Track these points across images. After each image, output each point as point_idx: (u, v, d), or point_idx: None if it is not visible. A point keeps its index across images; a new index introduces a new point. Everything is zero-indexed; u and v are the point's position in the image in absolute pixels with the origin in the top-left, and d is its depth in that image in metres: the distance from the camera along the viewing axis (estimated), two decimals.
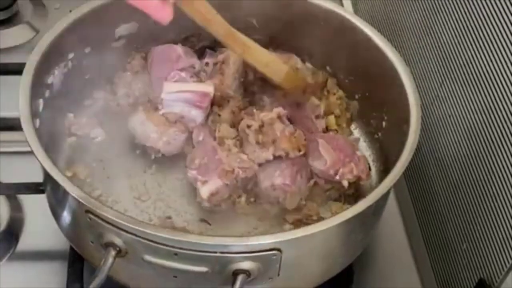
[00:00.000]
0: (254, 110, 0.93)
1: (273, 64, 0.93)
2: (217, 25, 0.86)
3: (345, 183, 0.89)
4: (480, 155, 0.85)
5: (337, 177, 0.89)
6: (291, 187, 0.88)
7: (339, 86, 1.01)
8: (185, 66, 0.97)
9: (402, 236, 1.00)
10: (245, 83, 0.99)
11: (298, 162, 0.90)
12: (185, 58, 0.97)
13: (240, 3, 1.00)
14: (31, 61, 0.85)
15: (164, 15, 0.76)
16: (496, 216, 0.82)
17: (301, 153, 0.90)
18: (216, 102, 0.96)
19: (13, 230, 0.94)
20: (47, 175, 0.80)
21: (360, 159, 0.91)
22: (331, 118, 0.99)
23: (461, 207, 0.90)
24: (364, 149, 0.98)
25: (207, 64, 0.99)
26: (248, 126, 0.90)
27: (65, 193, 0.76)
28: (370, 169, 0.94)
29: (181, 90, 0.93)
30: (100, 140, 0.95)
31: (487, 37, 0.83)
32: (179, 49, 0.98)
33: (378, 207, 0.83)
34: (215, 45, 1.04)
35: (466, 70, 0.88)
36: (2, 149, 1.00)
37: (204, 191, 0.87)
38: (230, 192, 0.88)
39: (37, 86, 0.85)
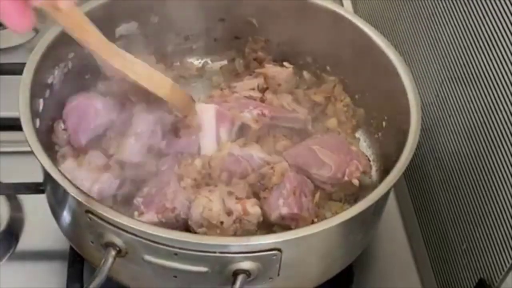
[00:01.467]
0: None
1: (157, 77, 0.87)
2: (93, 36, 0.79)
3: (356, 182, 0.89)
4: (480, 155, 0.85)
5: (346, 178, 0.89)
6: (299, 214, 0.84)
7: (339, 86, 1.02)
8: (103, 122, 0.92)
9: (402, 236, 1.00)
10: None
11: (296, 181, 0.86)
12: (104, 113, 0.92)
13: (240, 3, 1.00)
14: (31, 61, 0.85)
15: (22, 22, 0.60)
16: (496, 216, 0.82)
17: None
18: None
19: (13, 230, 0.94)
20: (47, 175, 0.80)
21: (358, 153, 0.91)
22: (333, 121, 0.99)
23: (461, 207, 0.90)
24: (364, 149, 0.98)
25: None
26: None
27: (65, 193, 0.76)
28: (369, 159, 0.94)
29: None
30: None
31: (487, 37, 0.83)
32: (98, 103, 0.92)
33: (378, 207, 0.83)
34: (215, 46, 1.05)
35: (466, 70, 0.88)
36: (2, 149, 1.00)
37: None
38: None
39: (37, 86, 0.85)
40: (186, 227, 0.84)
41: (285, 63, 1.01)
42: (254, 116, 0.93)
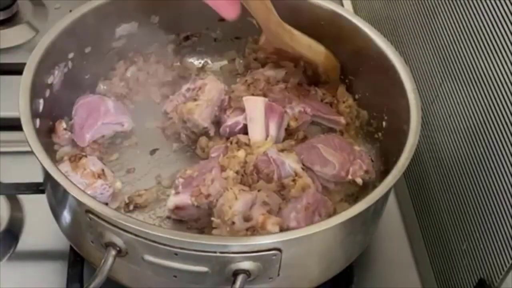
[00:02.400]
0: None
1: (314, 46, 0.97)
2: (272, 15, 0.91)
3: (359, 181, 0.89)
4: (480, 155, 0.85)
5: (349, 177, 0.89)
6: None
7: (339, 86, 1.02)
8: (111, 121, 0.94)
9: (402, 236, 0.99)
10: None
11: (314, 199, 0.84)
12: (114, 113, 0.94)
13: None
14: (31, 61, 0.85)
15: (231, 11, 0.82)
16: (496, 216, 0.82)
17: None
18: None
19: (13, 230, 0.94)
20: (47, 175, 0.80)
21: (361, 152, 0.91)
22: None
23: (461, 207, 0.90)
24: (364, 149, 0.98)
25: (188, 89, 0.97)
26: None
27: (65, 193, 0.76)
28: (372, 159, 0.94)
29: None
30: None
31: (487, 37, 0.83)
32: (109, 103, 0.95)
33: (378, 207, 0.83)
34: (215, 46, 1.05)
35: (466, 70, 0.88)
36: (2, 149, 1.00)
37: (171, 201, 0.86)
38: (200, 215, 0.86)
39: (37, 86, 0.85)
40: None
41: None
42: (295, 113, 0.94)
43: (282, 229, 0.81)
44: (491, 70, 0.82)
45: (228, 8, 0.81)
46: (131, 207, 0.90)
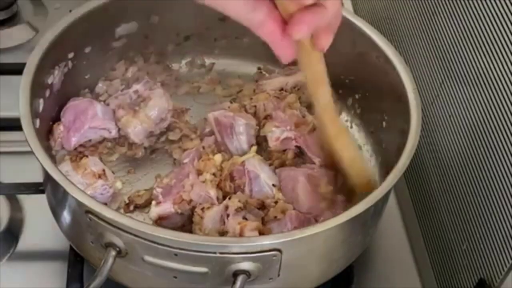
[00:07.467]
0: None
1: (358, 165, 0.85)
2: (324, 92, 0.79)
3: None
4: (480, 155, 0.85)
5: (315, 220, 0.85)
6: None
7: (339, 86, 1.02)
8: (98, 126, 0.93)
9: (402, 236, 0.99)
10: None
11: (298, 221, 0.83)
12: (101, 118, 0.93)
13: None
14: (31, 61, 0.85)
15: (288, 53, 0.69)
16: (496, 216, 0.82)
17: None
18: None
19: (13, 230, 0.93)
20: (47, 175, 0.80)
21: (340, 204, 0.87)
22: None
23: (461, 207, 0.90)
24: (364, 149, 0.98)
25: (136, 92, 0.96)
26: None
27: (65, 193, 0.76)
28: None
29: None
30: None
31: (487, 37, 0.83)
32: (98, 107, 0.93)
33: (378, 208, 0.83)
34: (215, 46, 1.05)
35: (466, 70, 0.88)
36: (2, 149, 1.00)
37: (154, 212, 0.86)
38: (184, 222, 0.86)
39: (37, 86, 0.85)
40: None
41: None
42: (281, 136, 0.92)
43: (261, 233, 0.81)
44: (491, 71, 0.82)
45: (283, 48, 0.69)
46: (131, 208, 0.90)
